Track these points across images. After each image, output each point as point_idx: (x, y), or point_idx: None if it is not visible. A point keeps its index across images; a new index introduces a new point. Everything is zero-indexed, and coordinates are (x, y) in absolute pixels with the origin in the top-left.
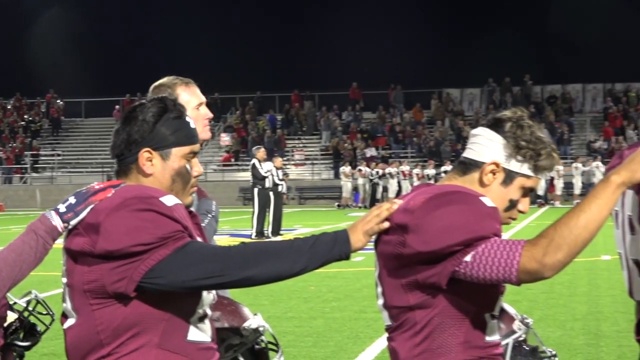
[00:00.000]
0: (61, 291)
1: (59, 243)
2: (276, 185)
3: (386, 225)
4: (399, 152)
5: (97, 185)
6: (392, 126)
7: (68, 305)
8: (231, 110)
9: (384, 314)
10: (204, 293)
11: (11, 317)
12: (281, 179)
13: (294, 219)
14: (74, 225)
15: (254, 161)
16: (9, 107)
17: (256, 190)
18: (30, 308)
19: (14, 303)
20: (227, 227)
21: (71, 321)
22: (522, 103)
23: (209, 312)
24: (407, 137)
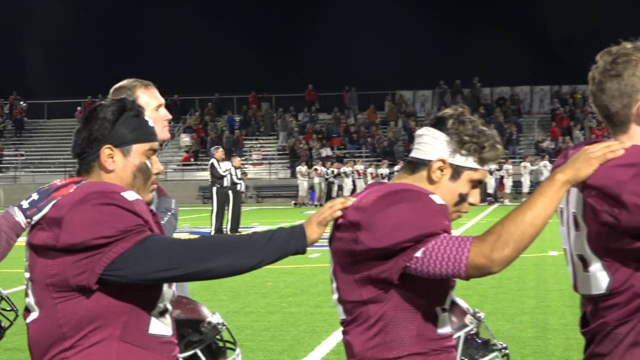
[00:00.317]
0: (25, 287)
1: (22, 241)
2: (235, 184)
3: (339, 213)
4: (354, 152)
5: (59, 182)
6: (347, 127)
7: (31, 299)
8: (190, 111)
9: (339, 309)
10: (165, 287)
11: None
12: (240, 178)
13: (252, 217)
14: (37, 220)
15: (213, 161)
16: None
17: (215, 189)
18: None
19: None
20: (187, 225)
21: (34, 315)
22: (472, 104)
23: (170, 308)
24: (362, 138)
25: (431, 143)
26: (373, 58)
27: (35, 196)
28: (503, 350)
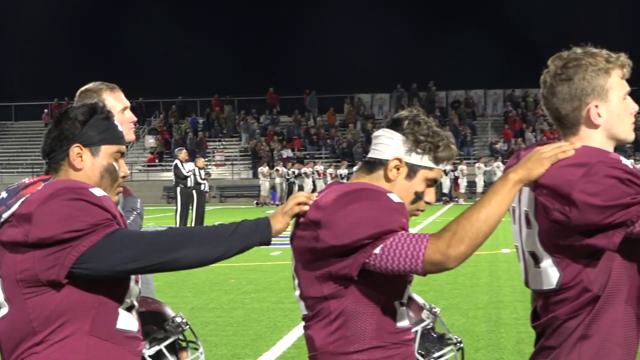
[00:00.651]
0: None
1: None
2: (198, 184)
3: (305, 208)
4: (314, 153)
5: (28, 180)
6: (307, 129)
7: (0, 296)
8: (155, 114)
9: (301, 304)
10: (132, 284)
11: None
12: (203, 178)
13: (216, 216)
14: (6, 218)
15: (177, 162)
16: None
17: (178, 189)
18: None
19: None
20: (152, 224)
21: (3, 311)
22: (428, 107)
23: (136, 304)
24: (321, 139)
25: (388, 143)
26: (333, 62)
27: (4, 194)
28: (458, 344)
